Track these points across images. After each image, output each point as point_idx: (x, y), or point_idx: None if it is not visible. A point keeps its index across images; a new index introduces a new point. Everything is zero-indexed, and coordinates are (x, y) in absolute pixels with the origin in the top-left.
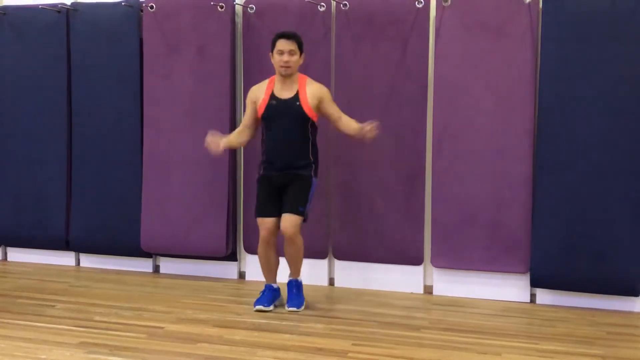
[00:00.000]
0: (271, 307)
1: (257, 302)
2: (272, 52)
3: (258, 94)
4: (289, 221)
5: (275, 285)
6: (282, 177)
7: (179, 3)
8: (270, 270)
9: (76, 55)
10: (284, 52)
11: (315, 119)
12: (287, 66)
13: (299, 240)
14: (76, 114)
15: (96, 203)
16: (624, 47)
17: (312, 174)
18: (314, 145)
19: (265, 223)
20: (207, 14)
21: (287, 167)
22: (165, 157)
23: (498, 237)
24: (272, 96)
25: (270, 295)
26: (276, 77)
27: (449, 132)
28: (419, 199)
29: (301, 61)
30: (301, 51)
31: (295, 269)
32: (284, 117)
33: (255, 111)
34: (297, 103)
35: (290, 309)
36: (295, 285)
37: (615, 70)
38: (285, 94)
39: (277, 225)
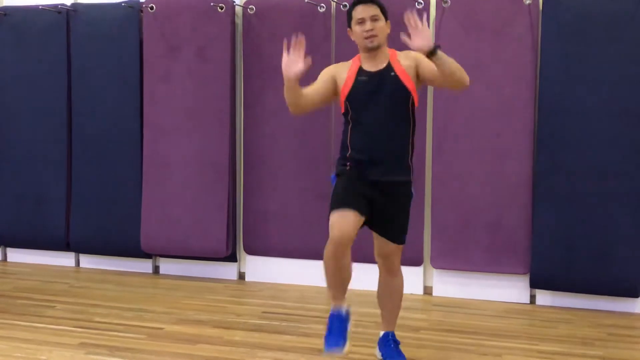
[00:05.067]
0: (347, 345)
1: (329, 344)
2: (349, 26)
3: (340, 70)
4: (394, 251)
5: (344, 309)
6: (374, 182)
7: (179, 4)
8: (343, 283)
9: (76, 56)
10: (365, 20)
11: (415, 93)
12: (372, 35)
13: (401, 276)
14: (76, 115)
15: (96, 204)
16: (623, 48)
17: (412, 185)
18: (413, 144)
19: (345, 217)
20: (207, 15)
21: (381, 168)
22: (165, 158)
23: (498, 238)
24: (361, 71)
25: (341, 327)
26: (362, 55)
27: (449, 133)
28: (419, 200)
29: (388, 29)
30: (386, 17)
31: (392, 317)
32: (378, 95)
33: (328, 88)
34: (392, 73)
35: None
36: (393, 340)
37: (615, 72)
38: (376, 66)
39: (358, 226)
